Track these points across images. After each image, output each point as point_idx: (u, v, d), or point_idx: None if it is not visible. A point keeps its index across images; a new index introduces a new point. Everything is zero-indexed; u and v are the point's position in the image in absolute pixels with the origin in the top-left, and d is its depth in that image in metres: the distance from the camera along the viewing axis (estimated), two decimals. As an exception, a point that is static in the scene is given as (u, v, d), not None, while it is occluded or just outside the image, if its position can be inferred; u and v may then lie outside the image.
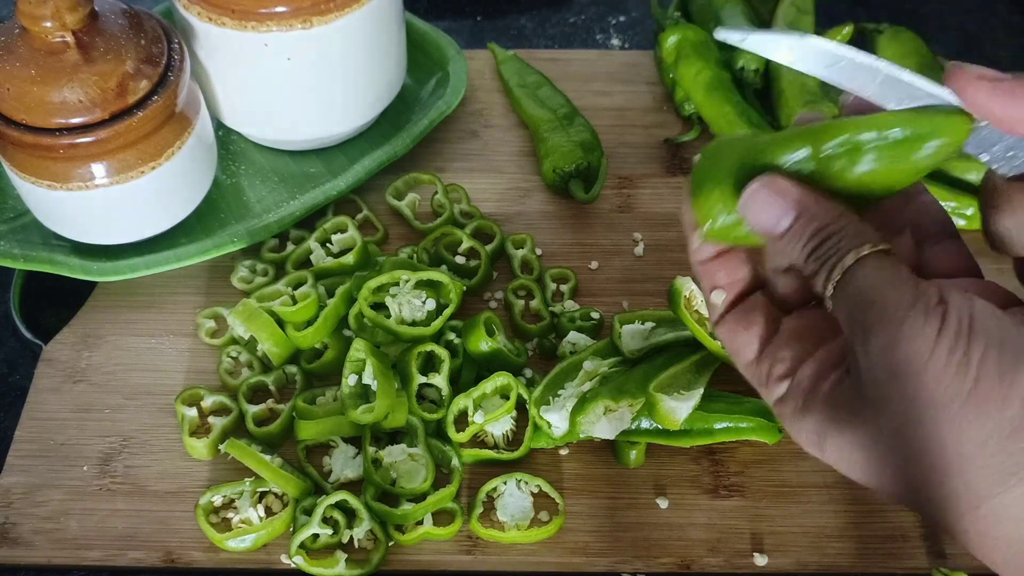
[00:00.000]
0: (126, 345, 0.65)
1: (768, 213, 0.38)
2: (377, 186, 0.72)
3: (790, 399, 0.40)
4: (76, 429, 0.61)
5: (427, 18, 0.81)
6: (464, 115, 0.78)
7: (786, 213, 0.38)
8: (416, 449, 0.58)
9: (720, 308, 0.43)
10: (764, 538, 0.57)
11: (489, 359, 0.61)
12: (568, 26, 0.88)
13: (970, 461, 0.35)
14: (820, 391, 0.39)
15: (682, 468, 0.59)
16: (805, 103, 0.72)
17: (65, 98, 0.58)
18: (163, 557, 0.56)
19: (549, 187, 0.73)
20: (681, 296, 0.59)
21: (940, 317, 0.35)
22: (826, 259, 0.37)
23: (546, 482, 0.58)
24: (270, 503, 0.58)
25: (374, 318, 0.60)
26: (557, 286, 0.68)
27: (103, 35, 0.60)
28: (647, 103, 0.79)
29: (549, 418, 0.58)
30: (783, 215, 0.38)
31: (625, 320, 0.62)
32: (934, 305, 0.35)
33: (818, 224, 0.37)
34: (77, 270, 0.65)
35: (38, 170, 0.61)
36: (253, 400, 0.62)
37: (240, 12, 0.63)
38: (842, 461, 0.39)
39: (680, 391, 0.57)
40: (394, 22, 0.70)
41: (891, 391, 0.36)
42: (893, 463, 0.37)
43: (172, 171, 0.64)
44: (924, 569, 0.56)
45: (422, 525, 0.56)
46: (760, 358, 0.41)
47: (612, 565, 0.56)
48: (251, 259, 0.68)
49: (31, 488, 0.59)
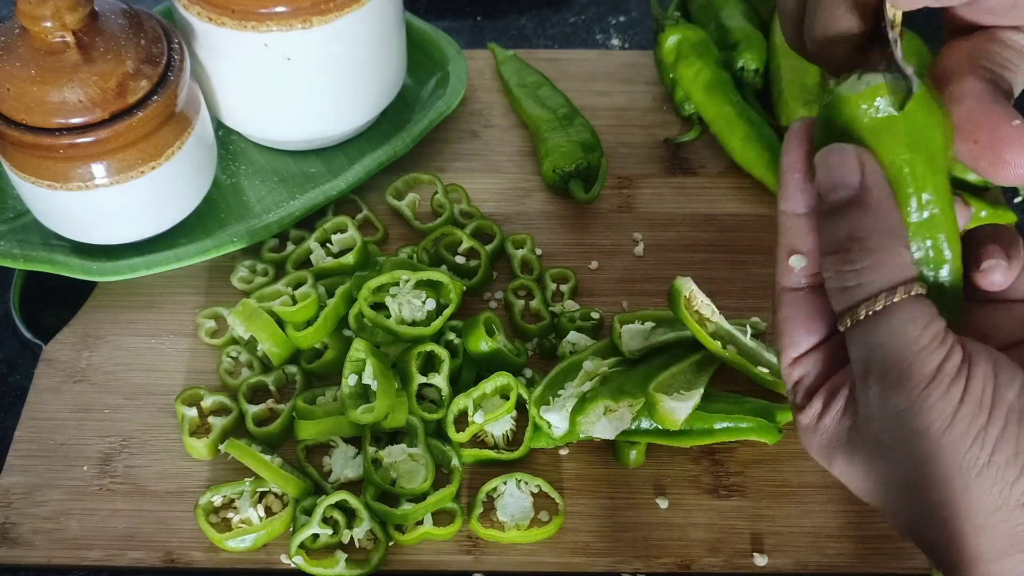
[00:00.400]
0: (126, 345, 0.65)
1: (837, 172, 0.36)
2: (377, 186, 0.72)
3: (810, 410, 0.39)
4: (76, 429, 0.61)
5: (427, 18, 0.81)
6: (464, 115, 0.78)
7: (850, 184, 0.36)
8: (416, 449, 0.58)
9: (791, 279, 0.39)
10: (764, 538, 0.57)
11: (489, 359, 0.61)
12: (568, 26, 0.88)
13: (980, 528, 0.35)
14: (831, 415, 0.38)
15: (682, 468, 0.59)
16: (805, 103, 0.72)
17: (65, 98, 0.58)
18: (163, 557, 0.56)
19: (549, 187, 0.73)
20: (681, 296, 0.59)
21: (963, 385, 0.34)
22: (854, 286, 0.36)
23: (546, 482, 0.58)
24: (270, 503, 0.58)
25: (374, 318, 0.60)
26: (557, 286, 0.68)
27: (103, 35, 0.60)
28: (647, 103, 0.79)
29: (549, 418, 0.58)
30: (848, 184, 0.36)
31: (625, 320, 0.62)
32: (957, 371, 0.34)
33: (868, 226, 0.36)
34: (77, 270, 0.65)
35: (38, 170, 0.61)
36: (253, 400, 0.62)
37: (240, 12, 0.63)
38: (849, 483, 0.39)
39: (680, 391, 0.56)
40: (394, 22, 0.70)
41: (906, 449, 0.35)
42: (900, 507, 0.37)
43: (172, 171, 0.64)
44: (924, 569, 0.56)
45: (422, 525, 0.56)
46: (801, 360, 0.40)
47: (612, 565, 0.56)
48: (251, 259, 0.68)
49: (31, 488, 0.59)
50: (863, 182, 0.36)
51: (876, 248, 0.36)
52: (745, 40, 0.76)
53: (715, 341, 0.59)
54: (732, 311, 0.63)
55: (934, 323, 0.35)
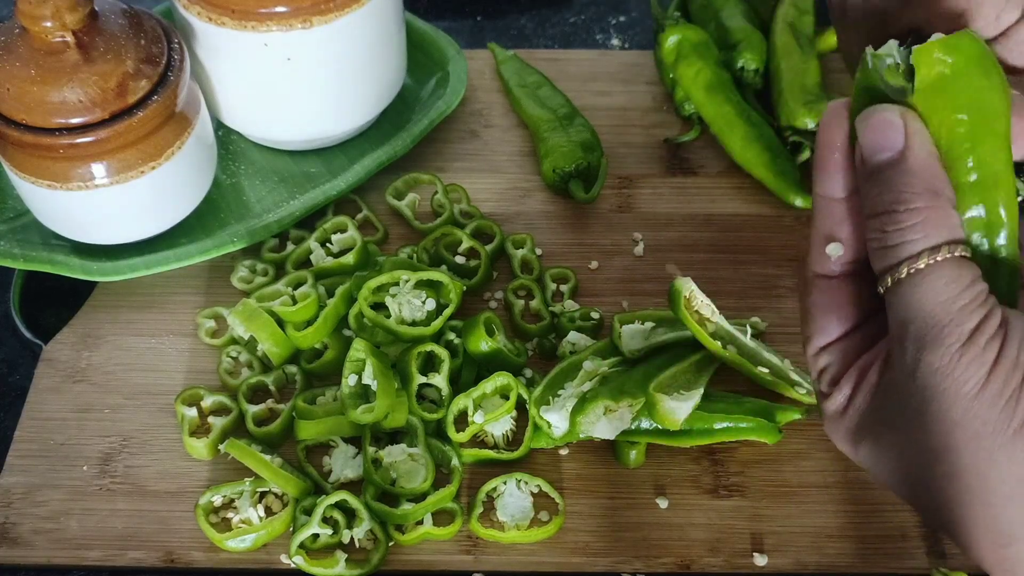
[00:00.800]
0: (126, 345, 0.65)
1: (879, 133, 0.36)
2: (377, 186, 0.72)
3: (838, 396, 0.39)
4: (76, 429, 0.61)
5: (427, 18, 0.81)
6: (464, 115, 0.78)
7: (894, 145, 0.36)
8: (416, 449, 0.58)
9: (825, 266, 0.39)
10: (764, 538, 0.57)
11: (489, 359, 0.61)
12: (568, 26, 0.88)
13: (1007, 498, 0.34)
14: (862, 393, 0.38)
15: (682, 468, 0.59)
16: (805, 103, 0.72)
17: (65, 98, 0.58)
18: (163, 557, 0.56)
19: (549, 187, 0.73)
20: (681, 296, 0.59)
21: (998, 347, 0.34)
22: (897, 244, 0.35)
23: (546, 482, 0.58)
24: (270, 503, 0.58)
25: (374, 318, 0.60)
26: (557, 286, 0.68)
27: (103, 35, 0.60)
28: (647, 103, 0.79)
29: (549, 418, 0.58)
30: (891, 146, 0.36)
31: (625, 320, 0.62)
32: (994, 333, 0.34)
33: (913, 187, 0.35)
34: (77, 270, 0.65)
35: (38, 170, 0.61)
36: (253, 400, 0.62)
37: (240, 12, 0.63)
38: (875, 467, 0.38)
39: (680, 391, 0.56)
40: (394, 22, 0.70)
41: (935, 412, 0.35)
42: (926, 482, 0.36)
43: (172, 171, 0.64)
44: (924, 569, 0.56)
45: (422, 525, 0.56)
46: (828, 348, 0.39)
47: (612, 565, 0.56)
48: (251, 259, 0.68)
49: (31, 488, 0.59)
50: (907, 143, 0.36)
51: (921, 208, 0.35)
52: (745, 40, 0.76)
53: (715, 341, 0.59)
54: (732, 311, 0.63)
55: (976, 284, 0.35)
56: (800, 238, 0.70)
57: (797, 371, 0.61)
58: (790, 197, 0.70)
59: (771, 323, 0.65)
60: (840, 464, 0.59)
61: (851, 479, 0.59)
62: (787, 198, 0.71)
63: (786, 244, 0.70)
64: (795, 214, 0.71)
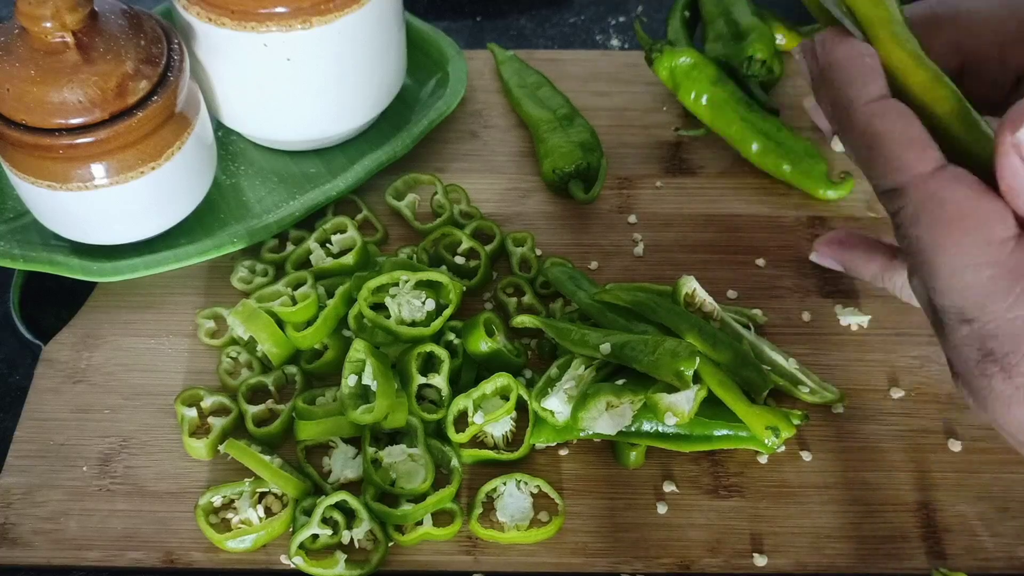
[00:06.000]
0: (126, 345, 0.65)
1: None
2: (377, 186, 0.72)
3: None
4: (76, 429, 0.61)
5: (427, 18, 0.81)
6: (464, 115, 0.78)
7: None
8: (416, 449, 0.58)
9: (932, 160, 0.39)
10: (764, 538, 0.57)
11: (489, 359, 0.61)
12: (568, 26, 0.88)
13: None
14: None
15: (681, 469, 0.59)
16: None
17: (65, 98, 0.58)
18: (163, 557, 0.56)
19: (549, 187, 0.73)
20: (682, 293, 0.59)
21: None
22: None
23: (546, 482, 0.58)
24: (270, 503, 0.58)
25: (374, 318, 0.60)
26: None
27: (103, 35, 0.60)
28: (647, 103, 0.79)
29: (549, 406, 0.57)
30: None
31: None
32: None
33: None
34: (77, 270, 0.65)
35: (38, 170, 0.61)
36: (253, 400, 0.62)
37: (240, 12, 0.63)
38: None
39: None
40: (394, 22, 0.70)
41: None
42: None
43: (172, 171, 0.64)
44: (924, 569, 0.56)
45: (422, 525, 0.56)
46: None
47: (612, 566, 0.56)
48: (251, 259, 0.69)
49: (31, 488, 0.59)
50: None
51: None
52: (755, 31, 0.76)
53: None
54: (732, 311, 0.63)
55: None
56: (800, 238, 0.70)
57: (802, 370, 0.61)
58: (820, 193, 0.71)
59: (771, 323, 0.65)
60: (840, 464, 0.59)
61: (851, 479, 0.59)
62: (817, 194, 0.71)
63: (786, 244, 0.70)
64: (795, 214, 0.71)
